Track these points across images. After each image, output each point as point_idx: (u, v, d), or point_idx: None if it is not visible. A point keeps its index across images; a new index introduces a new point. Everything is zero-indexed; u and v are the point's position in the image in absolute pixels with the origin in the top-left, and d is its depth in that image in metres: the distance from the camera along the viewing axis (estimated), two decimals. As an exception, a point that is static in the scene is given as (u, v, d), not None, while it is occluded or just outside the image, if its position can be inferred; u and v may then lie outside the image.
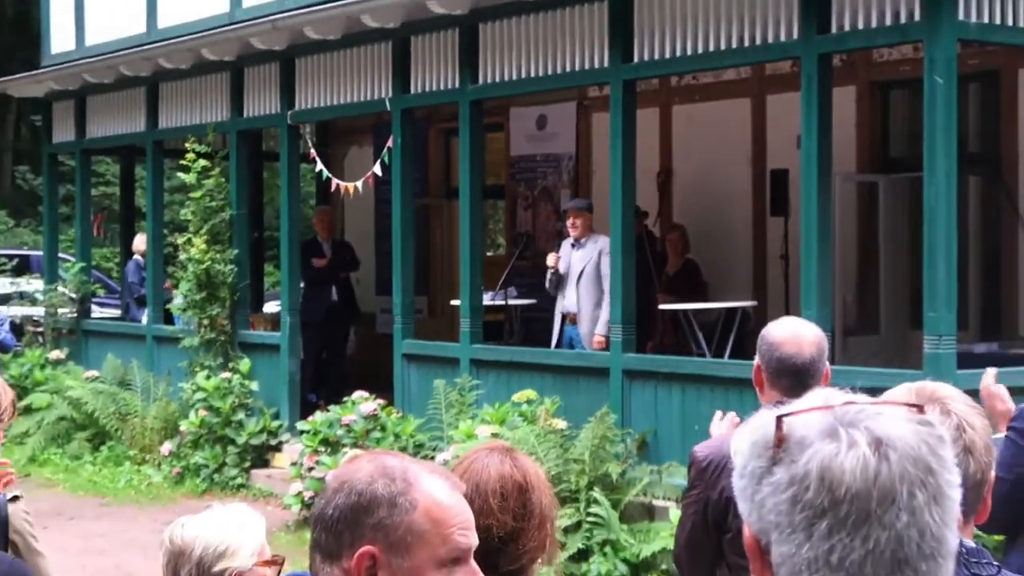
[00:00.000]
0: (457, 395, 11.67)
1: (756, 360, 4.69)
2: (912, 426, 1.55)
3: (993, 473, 2.61)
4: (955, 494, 1.55)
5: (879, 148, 13.62)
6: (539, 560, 3.05)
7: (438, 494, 2.31)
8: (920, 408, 1.61)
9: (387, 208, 13.54)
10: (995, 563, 2.48)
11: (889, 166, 13.20)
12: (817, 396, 1.61)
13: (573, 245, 12.14)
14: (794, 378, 4.57)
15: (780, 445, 1.54)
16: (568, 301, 12.10)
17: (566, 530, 10.00)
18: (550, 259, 12.19)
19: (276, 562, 3.67)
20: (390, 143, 12.86)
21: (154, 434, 14.44)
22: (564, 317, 12.20)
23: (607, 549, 9.89)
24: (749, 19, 9.87)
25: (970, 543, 2.49)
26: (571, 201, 13.23)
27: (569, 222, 12.32)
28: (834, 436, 1.52)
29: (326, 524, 2.28)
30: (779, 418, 1.54)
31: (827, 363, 4.69)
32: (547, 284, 12.35)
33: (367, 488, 2.26)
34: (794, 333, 4.65)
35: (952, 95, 8.74)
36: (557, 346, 12.09)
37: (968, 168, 10.86)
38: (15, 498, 4.12)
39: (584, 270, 12.05)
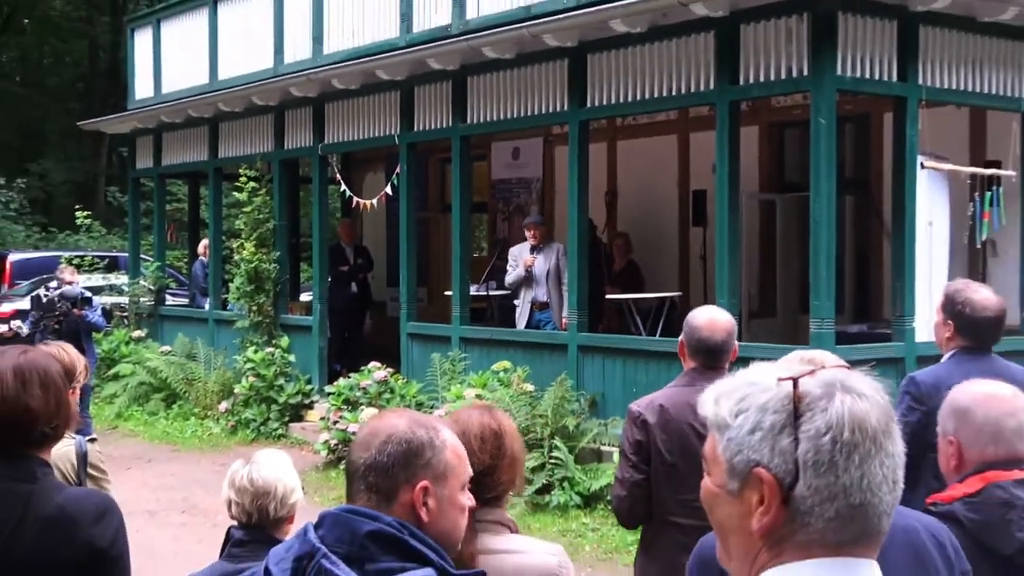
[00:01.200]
0: (449, 365, 11.68)
1: (681, 338, 4.68)
2: (868, 380, 1.59)
3: None
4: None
5: (776, 174, 13.64)
6: (511, 491, 3.05)
7: (453, 437, 2.39)
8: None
9: (396, 220, 13.51)
10: None
11: (784, 188, 13.21)
12: (793, 363, 1.63)
13: (533, 249, 12.13)
14: (709, 354, 4.55)
15: (801, 401, 1.54)
16: (538, 293, 12.11)
17: (533, 470, 10.01)
18: (526, 257, 12.20)
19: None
20: (398, 170, 12.87)
21: (213, 395, 14.43)
22: (533, 305, 12.21)
23: (565, 484, 9.91)
24: (676, 74, 9.87)
25: None
26: (529, 217, 13.24)
27: (529, 233, 12.34)
28: (845, 390, 1.55)
29: (381, 470, 2.27)
30: (795, 380, 1.55)
31: (736, 342, 4.68)
32: (514, 279, 12.34)
33: (413, 436, 2.30)
34: (711, 319, 4.63)
35: (832, 133, 8.76)
36: (527, 327, 12.08)
37: (845, 190, 10.87)
38: (92, 440, 4.08)
39: (549, 270, 12.06)
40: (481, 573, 2.27)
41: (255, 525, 3.57)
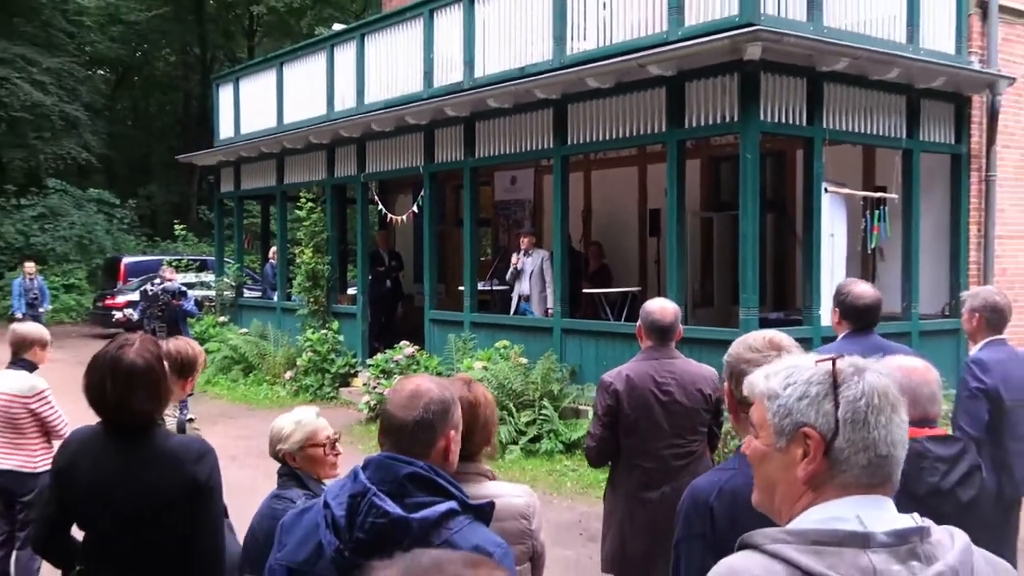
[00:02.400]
0: (462, 343, 11.69)
1: (638, 323, 4.70)
2: (882, 365, 1.67)
3: None
4: None
5: (713, 197, 13.66)
6: (485, 450, 3.01)
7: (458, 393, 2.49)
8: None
9: (421, 232, 13.49)
10: None
11: (720, 208, 13.22)
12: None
13: (524, 254, 12.15)
14: (661, 333, 4.56)
15: (840, 374, 1.61)
16: (523, 288, 12.13)
17: (526, 424, 10.03)
18: (513, 258, 12.24)
19: (337, 437, 3.68)
20: (423, 193, 12.88)
21: (280, 366, 14.43)
22: (520, 297, 12.23)
23: (551, 435, 9.91)
24: (636, 120, 9.87)
25: None
26: (521, 229, 13.30)
27: (523, 241, 12.36)
28: (871, 369, 1.65)
29: (426, 424, 2.28)
30: (834, 361, 1.62)
31: (680, 325, 4.70)
32: (507, 276, 12.39)
33: (444, 397, 2.34)
34: (661, 307, 4.63)
35: (756, 166, 8.76)
36: (514, 313, 12.10)
37: (766, 209, 10.86)
38: (191, 420, 4.10)
39: (533, 271, 12.09)
40: (491, 503, 2.30)
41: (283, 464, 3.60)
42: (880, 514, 1.55)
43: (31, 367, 5.60)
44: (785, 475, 1.62)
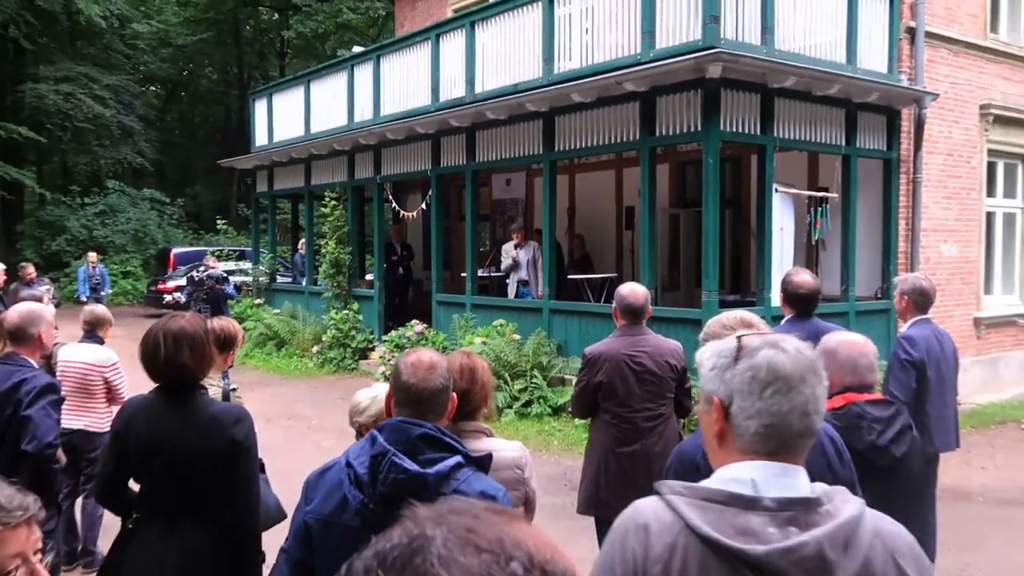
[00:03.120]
0: (464, 322, 11.67)
1: (614, 305, 4.71)
2: (805, 344, 1.60)
3: None
4: (827, 382, 1.59)
5: (680, 195, 13.64)
6: (482, 411, 3.02)
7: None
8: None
9: (429, 226, 13.48)
10: None
11: (685, 204, 13.22)
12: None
13: (517, 246, 12.15)
14: (633, 313, 4.59)
15: (743, 349, 1.57)
16: (521, 275, 12.11)
17: (519, 390, 10.05)
18: (513, 252, 12.21)
19: None
20: (430, 193, 12.84)
21: (308, 342, 14.43)
22: (519, 283, 12.22)
23: (540, 400, 9.95)
24: (614, 129, 9.87)
25: None
26: (514, 225, 13.30)
27: (515, 235, 12.35)
28: (770, 345, 1.57)
29: (443, 391, 2.32)
30: (739, 338, 1.60)
31: (650, 306, 4.71)
32: (506, 266, 12.37)
33: (448, 366, 2.39)
34: (632, 291, 4.65)
35: (717, 169, 8.76)
36: (514, 296, 12.08)
37: (725, 206, 10.88)
38: (234, 389, 4.10)
39: (529, 260, 12.08)
40: (489, 456, 2.31)
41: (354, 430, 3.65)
42: (779, 480, 1.50)
43: (100, 342, 5.72)
44: (708, 436, 1.62)
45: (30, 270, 13.60)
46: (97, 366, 5.56)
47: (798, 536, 1.41)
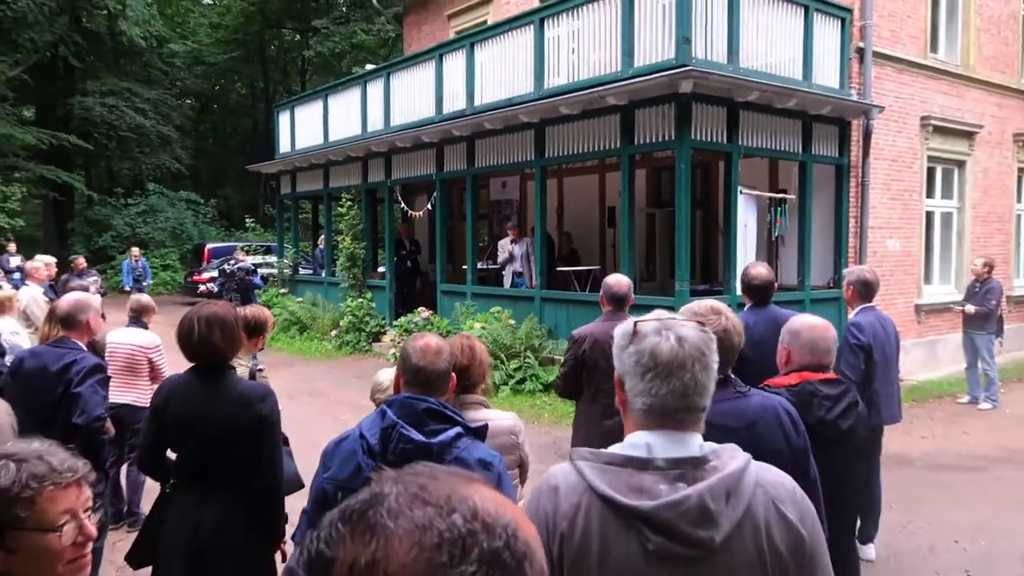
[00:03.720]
0: (465, 309, 11.64)
1: (600, 293, 4.71)
2: (697, 331, 1.57)
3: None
4: (714, 366, 1.56)
5: (656, 197, 13.63)
6: (481, 386, 3.03)
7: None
8: (703, 323, 1.62)
9: (434, 224, 13.42)
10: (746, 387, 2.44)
11: (661, 205, 13.21)
12: (656, 313, 1.65)
13: (512, 242, 12.12)
14: (617, 301, 4.58)
15: (636, 335, 1.56)
16: (516, 267, 12.09)
17: (514, 370, 10.05)
18: (509, 247, 12.18)
19: None
20: (435, 195, 12.81)
21: (327, 327, 14.40)
22: (514, 274, 12.19)
23: (533, 378, 9.97)
24: (597, 138, 9.85)
25: (735, 378, 2.45)
26: (509, 223, 13.29)
27: (511, 232, 12.32)
28: (658, 333, 1.55)
29: (448, 371, 2.32)
30: (636, 323, 1.58)
31: (632, 295, 4.71)
32: (502, 259, 12.34)
33: (452, 348, 2.42)
34: (617, 280, 4.65)
35: (688, 173, 8.76)
36: (510, 287, 12.07)
37: (695, 206, 10.87)
38: (260, 369, 4.09)
39: (523, 254, 12.05)
40: (485, 426, 2.31)
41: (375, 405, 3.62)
42: (670, 445, 1.49)
43: (145, 327, 5.79)
44: (618, 406, 1.64)
45: (80, 261, 13.54)
46: (142, 347, 5.60)
47: (684, 490, 1.42)
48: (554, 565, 1.48)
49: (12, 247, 17.87)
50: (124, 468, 5.72)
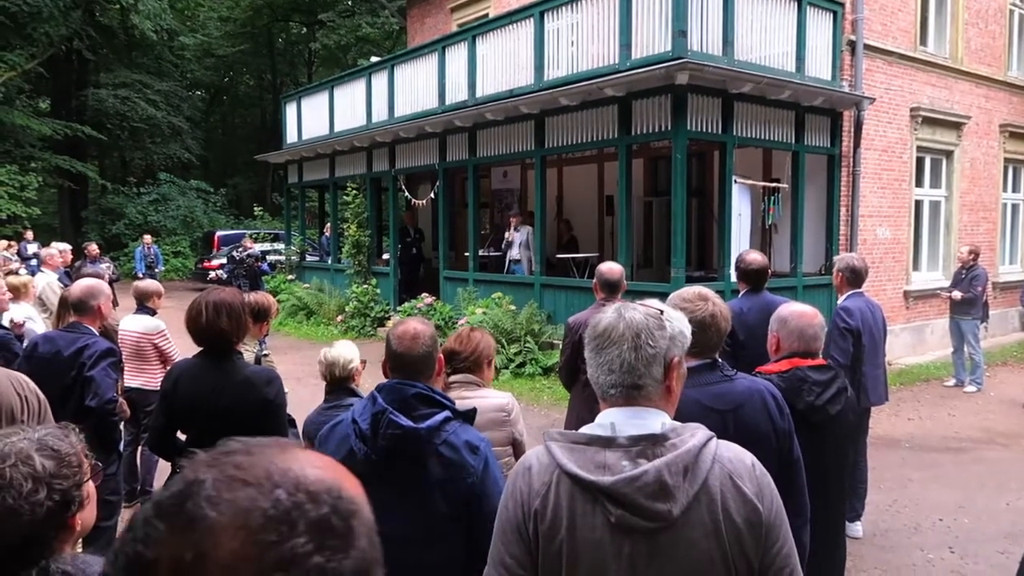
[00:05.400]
0: (467, 295, 11.63)
1: (594, 280, 4.70)
2: (641, 313, 1.58)
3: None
4: (651, 351, 1.55)
5: (652, 186, 13.61)
6: (484, 369, 3.01)
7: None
8: (660, 310, 1.61)
9: (437, 212, 13.41)
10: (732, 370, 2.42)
11: (657, 194, 13.19)
12: (641, 301, 1.66)
13: (514, 229, 12.06)
14: (610, 287, 4.57)
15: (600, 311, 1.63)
16: (513, 254, 12.05)
17: (515, 354, 10.07)
18: (507, 234, 12.16)
19: (364, 362, 3.65)
20: (438, 184, 12.77)
21: (333, 312, 14.39)
22: (510, 261, 12.17)
23: (533, 362, 9.98)
24: (595, 129, 9.81)
25: (722, 360, 2.43)
26: (511, 211, 13.19)
27: (513, 220, 12.26)
28: (613, 312, 1.59)
29: (427, 355, 2.29)
30: (604, 305, 1.64)
31: (625, 281, 4.69)
32: (502, 246, 12.30)
33: (433, 332, 2.37)
34: (610, 268, 4.63)
35: (684, 163, 8.73)
36: (507, 272, 12.06)
37: (691, 195, 10.85)
38: (266, 355, 4.09)
39: (522, 241, 12.00)
40: (473, 410, 2.31)
41: (331, 381, 3.57)
42: (634, 422, 1.51)
43: (152, 312, 5.73)
44: None
45: (93, 248, 13.53)
46: (146, 334, 5.57)
47: (643, 466, 1.44)
48: (530, 540, 1.51)
49: (29, 234, 17.91)
50: (139, 449, 5.74)
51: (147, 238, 18.37)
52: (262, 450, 0.74)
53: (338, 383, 3.53)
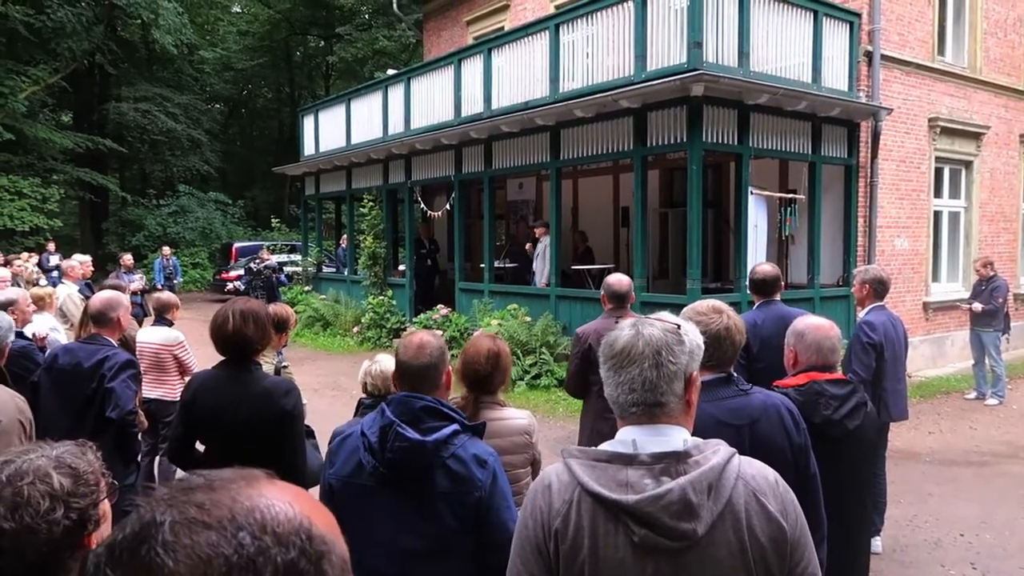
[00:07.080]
0: (483, 306, 11.62)
1: (602, 292, 4.71)
2: (660, 330, 1.56)
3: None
4: (672, 368, 1.52)
5: (668, 197, 13.58)
6: (502, 387, 2.99)
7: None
8: (677, 324, 1.60)
9: (452, 224, 13.46)
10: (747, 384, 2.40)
11: (673, 205, 13.14)
12: (656, 315, 1.66)
13: (535, 243, 11.97)
14: (618, 299, 4.59)
15: (615, 328, 1.61)
16: (539, 266, 11.94)
17: (530, 366, 10.06)
18: (538, 246, 11.99)
19: None
20: (454, 195, 12.80)
21: (350, 323, 14.45)
22: (534, 273, 12.05)
23: (548, 373, 9.96)
24: (611, 140, 9.82)
25: (736, 374, 2.42)
26: (537, 222, 12.97)
27: (538, 231, 11.99)
28: (630, 328, 1.57)
29: (432, 366, 2.27)
30: (617, 320, 1.63)
31: (633, 293, 4.69)
32: (534, 257, 11.99)
33: (442, 344, 2.35)
34: (618, 280, 4.65)
35: (700, 174, 8.71)
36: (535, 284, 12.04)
37: (707, 207, 10.81)
38: (285, 367, 4.11)
39: (542, 253, 11.90)
40: (483, 424, 2.30)
41: (378, 396, 3.59)
42: (655, 439, 1.49)
43: (169, 324, 5.80)
44: None
45: (128, 258, 13.44)
46: (165, 345, 5.63)
47: (667, 484, 1.41)
48: (551, 559, 1.49)
49: (51, 246, 18.12)
50: (156, 459, 5.78)
51: (166, 250, 18.53)
52: (225, 485, 0.69)
53: (383, 397, 3.57)
